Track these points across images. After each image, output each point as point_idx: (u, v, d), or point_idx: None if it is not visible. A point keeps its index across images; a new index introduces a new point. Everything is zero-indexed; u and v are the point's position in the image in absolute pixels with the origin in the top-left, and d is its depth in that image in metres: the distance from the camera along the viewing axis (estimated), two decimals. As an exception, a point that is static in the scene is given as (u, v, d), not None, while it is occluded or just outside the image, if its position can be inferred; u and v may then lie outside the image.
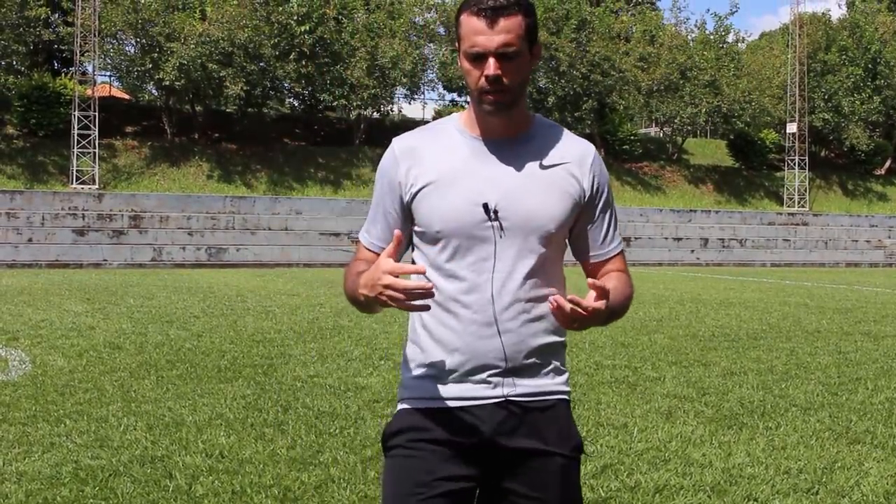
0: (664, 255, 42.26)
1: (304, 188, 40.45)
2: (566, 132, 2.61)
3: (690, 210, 45.11)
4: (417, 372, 2.56)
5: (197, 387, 8.81)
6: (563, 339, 2.61)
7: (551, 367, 2.57)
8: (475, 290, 2.47)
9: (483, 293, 2.46)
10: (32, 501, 5.29)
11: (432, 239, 2.52)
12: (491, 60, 2.36)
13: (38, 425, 7.14)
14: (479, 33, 2.36)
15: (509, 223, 2.46)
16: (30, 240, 32.98)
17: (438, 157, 2.51)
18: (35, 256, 32.53)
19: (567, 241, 2.63)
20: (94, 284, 22.74)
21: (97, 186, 36.42)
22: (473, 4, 2.39)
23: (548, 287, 2.52)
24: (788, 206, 48.92)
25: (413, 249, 2.62)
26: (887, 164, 55.85)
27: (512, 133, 2.52)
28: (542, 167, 2.50)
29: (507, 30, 2.36)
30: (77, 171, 36.53)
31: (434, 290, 2.41)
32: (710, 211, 45.64)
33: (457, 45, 2.48)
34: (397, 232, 2.37)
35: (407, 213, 2.56)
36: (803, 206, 48.84)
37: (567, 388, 2.63)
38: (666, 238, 43.02)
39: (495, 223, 2.45)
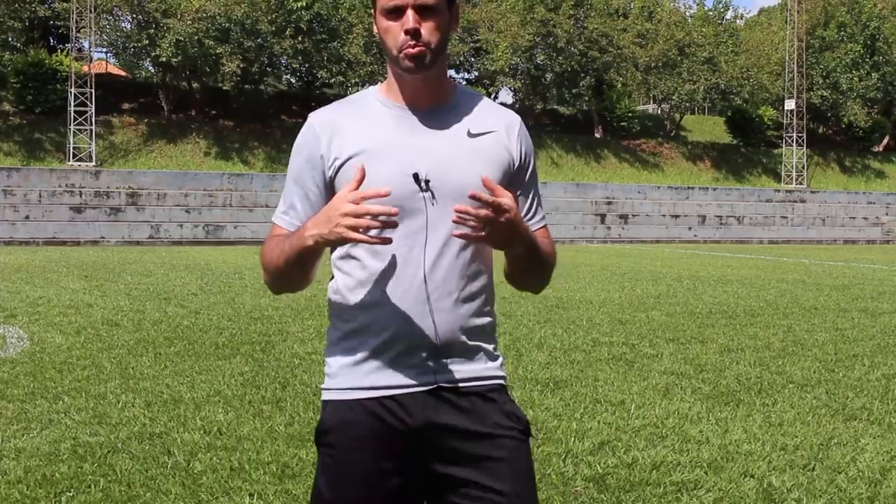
0: (662, 233, 42.29)
1: (301, 165, 40.38)
2: (489, 101, 2.52)
3: (688, 187, 45.12)
4: (344, 359, 2.41)
5: (195, 364, 8.82)
6: (493, 320, 2.49)
7: (483, 351, 2.43)
8: (407, 265, 2.33)
9: (415, 269, 2.33)
10: (31, 478, 5.30)
11: None
12: (409, 12, 2.27)
13: (36, 402, 7.15)
14: None
15: (441, 193, 2.33)
16: (27, 217, 32.96)
17: (361, 128, 2.38)
18: (32, 234, 32.52)
19: None
20: (91, 262, 22.74)
21: (94, 163, 36.39)
22: None
23: (481, 263, 2.41)
24: (786, 183, 48.93)
25: None
26: (885, 141, 55.87)
27: (435, 100, 2.41)
28: (471, 135, 2.39)
29: None
30: (74, 148, 36.49)
31: (363, 267, 2.35)
32: (707, 188, 45.66)
33: (372, 10, 2.38)
34: (362, 166, 2.24)
35: (330, 191, 2.39)
36: (801, 184, 48.85)
37: (503, 374, 2.48)
38: (663, 215, 43.04)
39: (427, 194, 2.33)
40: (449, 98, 2.45)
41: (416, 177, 2.33)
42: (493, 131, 2.43)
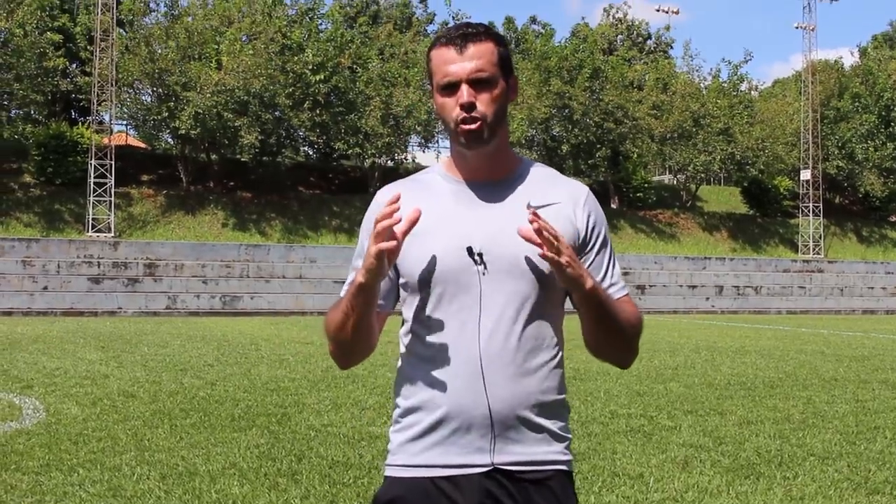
0: (679, 303, 42.13)
1: (318, 236, 40.57)
2: (557, 173, 2.52)
3: (705, 257, 45.01)
4: (403, 435, 2.39)
5: (210, 436, 8.79)
6: (561, 396, 2.40)
7: (547, 430, 2.36)
8: (461, 340, 2.30)
9: (469, 343, 2.29)
10: (45, 552, 5.26)
11: (416, 289, 2.37)
12: (464, 87, 2.29)
13: (51, 474, 7.13)
14: (451, 62, 2.30)
15: (495, 267, 2.31)
16: (45, 287, 33.10)
17: (422, 204, 2.34)
18: (50, 304, 32.64)
19: (566, 293, 2.42)
20: (108, 332, 22.78)
21: (113, 234, 36.61)
22: (442, 37, 2.34)
23: (544, 335, 2.36)
24: (803, 254, 48.79)
25: (404, 303, 2.46)
26: (902, 210, 55.76)
27: (496, 175, 2.42)
28: (531, 207, 2.32)
29: (478, 55, 2.30)
30: (93, 219, 36.74)
31: (421, 343, 2.35)
32: (724, 258, 45.53)
33: (430, 86, 2.40)
34: (418, 209, 2.23)
35: (392, 265, 2.37)
36: (818, 254, 48.71)
37: (567, 458, 2.40)
38: (681, 286, 42.91)
39: (480, 267, 2.31)
40: (511, 171, 2.45)
41: (469, 250, 2.32)
42: (555, 203, 2.40)
